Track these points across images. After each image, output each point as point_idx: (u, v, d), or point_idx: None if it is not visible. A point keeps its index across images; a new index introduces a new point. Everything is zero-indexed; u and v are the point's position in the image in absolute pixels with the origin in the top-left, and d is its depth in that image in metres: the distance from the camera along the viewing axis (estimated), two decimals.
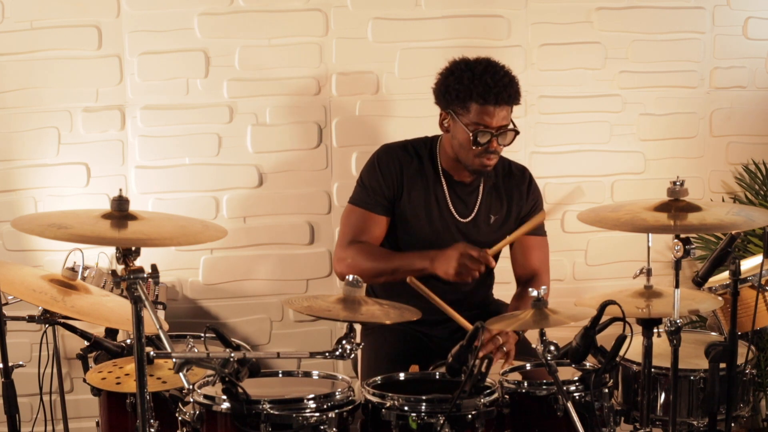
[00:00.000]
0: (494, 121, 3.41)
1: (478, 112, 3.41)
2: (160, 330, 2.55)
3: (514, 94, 3.44)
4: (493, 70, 3.43)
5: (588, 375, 2.98)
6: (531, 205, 3.66)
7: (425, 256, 3.43)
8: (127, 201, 2.65)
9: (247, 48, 4.13)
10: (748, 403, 3.45)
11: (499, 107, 3.41)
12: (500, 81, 3.40)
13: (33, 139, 4.05)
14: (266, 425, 2.74)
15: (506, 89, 3.40)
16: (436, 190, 3.60)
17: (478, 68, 3.44)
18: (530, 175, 3.71)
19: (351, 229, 3.58)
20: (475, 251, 3.34)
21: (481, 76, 3.40)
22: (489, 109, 3.40)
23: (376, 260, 3.49)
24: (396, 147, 3.64)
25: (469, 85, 3.41)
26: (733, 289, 3.08)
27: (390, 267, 3.47)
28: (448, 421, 2.76)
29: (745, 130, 4.54)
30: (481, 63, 3.47)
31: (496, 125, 3.42)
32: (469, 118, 3.43)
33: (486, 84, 3.39)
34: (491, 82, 3.39)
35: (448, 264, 3.36)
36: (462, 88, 3.43)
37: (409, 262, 3.46)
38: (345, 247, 3.55)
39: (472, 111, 3.42)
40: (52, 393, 3.58)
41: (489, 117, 3.41)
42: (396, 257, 3.51)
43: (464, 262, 3.34)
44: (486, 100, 3.40)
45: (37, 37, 3.99)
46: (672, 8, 4.40)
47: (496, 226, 3.63)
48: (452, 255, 3.35)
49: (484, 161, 3.47)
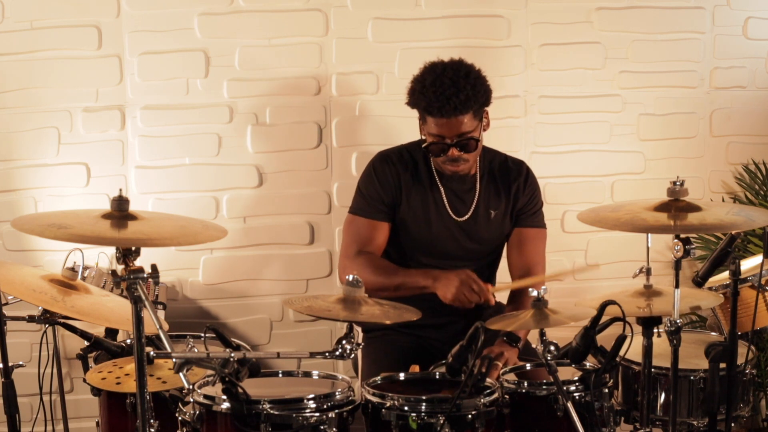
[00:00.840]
0: (448, 131, 3.41)
1: (432, 123, 3.43)
2: (160, 330, 2.55)
3: (461, 103, 3.37)
4: (440, 82, 3.38)
5: (588, 375, 2.98)
6: (528, 197, 3.65)
7: (429, 275, 3.45)
8: (127, 201, 2.65)
9: (247, 48, 4.13)
10: (748, 403, 3.45)
11: (449, 119, 3.39)
12: (443, 93, 3.36)
13: (33, 139, 4.05)
14: (266, 425, 2.74)
15: (449, 101, 3.36)
16: (433, 192, 3.60)
17: (428, 80, 3.41)
18: (528, 168, 3.71)
19: (355, 239, 3.59)
20: (477, 285, 3.36)
21: (427, 89, 3.39)
22: (439, 121, 3.41)
23: (381, 275, 3.50)
24: (391, 154, 3.65)
25: (418, 98, 3.43)
26: (733, 289, 3.07)
27: (394, 283, 3.48)
28: (448, 421, 2.76)
29: (745, 130, 4.54)
30: (433, 73, 3.43)
31: (451, 135, 3.42)
32: (427, 128, 3.46)
33: (428, 98, 3.38)
34: (433, 95, 3.37)
35: (447, 288, 3.37)
36: (414, 101, 3.47)
37: (412, 280, 3.47)
38: (352, 258, 3.55)
39: (428, 122, 3.45)
40: (52, 393, 3.58)
41: (441, 128, 3.41)
42: (400, 273, 3.51)
43: (463, 290, 3.35)
44: (431, 113, 3.41)
45: (37, 37, 3.98)
46: (672, 8, 4.40)
47: (498, 220, 3.63)
48: (454, 281, 3.37)
49: (450, 167, 3.49)
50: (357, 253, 3.55)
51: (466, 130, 3.42)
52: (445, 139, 3.43)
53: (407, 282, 3.47)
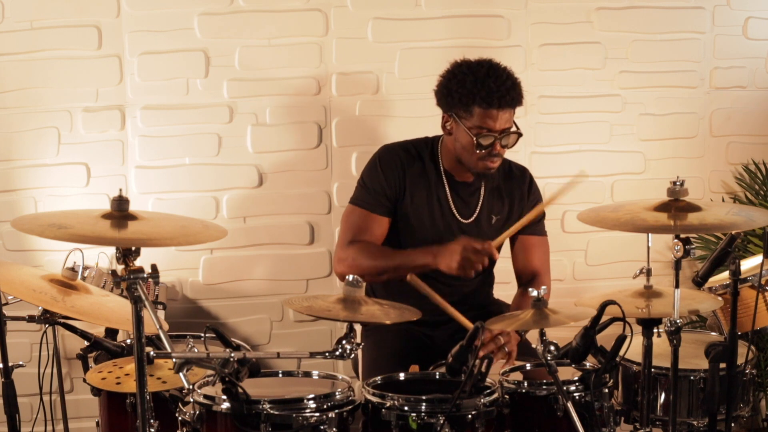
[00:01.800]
0: (497, 125, 3.41)
1: (482, 115, 3.40)
2: (160, 330, 2.55)
3: (517, 96, 3.43)
4: (496, 74, 3.41)
5: (588, 375, 2.98)
6: (532, 204, 3.65)
7: (428, 252, 3.42)
8: (127, 201, 2.64)
9: (247, 48, 4.13)
10: (748, 403, 3.45)
11: (503, 110, 3.40)
12: (503, 84, 3.39)
13: (33, 139, 4.05)
14: (266, 425, 2.74)
15: (509, 92, 3.39)
16: (438, 191, 3.59)
17: (480, 71, 3.42)
18: (530, 176, 3.72)
19: (351, 229, 3.57)
20: (479, 244, 3.33)
21: (484, 79, 3.39)
22: (492, 113, 3.39)
23: (378, 258, 3.48)
24: (397, 147, 3.64)
25: (472, 89, 3.40)
26: (733, 289, 3.07)
27: (392, 264, 3.46)
28: (448, 421, 2.76)
29: (745, 130, 4.54)
30: (483, 66, 3.45)
31: (499, 128, 3.41)
32: (472, 121, 3.42)
33: (489, 88, 3.37)
34: (494, 86, 3.38)
35: (451, 258, 3.34)
36: (465, 92, 3.41)
37: (411, 259, 3.45)
38: (345, 247, 3.54)
39: (475, 114, 3.42)
40: (52, 393, 3.57)
41: (492, 120, 3.40)
42: (398, 254, 3.50)
43: (467, 255, 3.32)
44: (489, 104, 3.38)
45: (37, 37, 3.99)
46: (672, 8, 4.40)
47: (498, 226, 3.62)
48: (455, 249, 3.34)
49: (487, 164, 3.47)
50: (351, 241, 3.53)
51: (510, 125, 3.44)
52: (493, 132, 3.42)
53: (406, 262, 3.44)
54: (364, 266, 3.43)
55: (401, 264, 3.45)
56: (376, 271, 3.47)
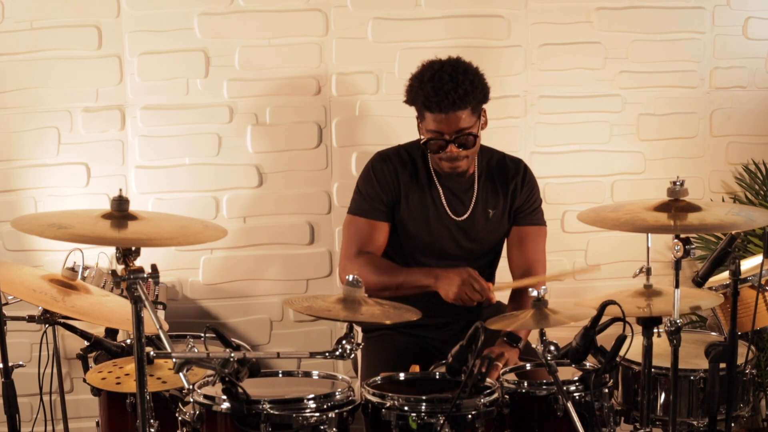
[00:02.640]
0: (446, 128, 3.40)
1: (430, 120, 3.42)
2: (160, 330, 2.55)
3: (460, 98, 3.37)
4: (439, 77, 3.38)
5: (588, 375, 2.98)
6: (526, 195, 3.65)
7: (430, 274, 3.44)
8: (127, 201, 2.65)
9: (247, 48, 4.13)
10: (748, 403, 3.45)
11: (448, 114, 3.38)
12: (442, 88, 3.36)
13: (33, 139, 4.05)
14: (266, 425, 2.74)
15: (448, 95, 3.35)
16: (431, 192, 3.60)
17: (426, 75, 3.41)
18: (525, 167, 3.70)
19: (355, 239, 3.58)
20: (478, 284, 3.35)
21: (425, 84, 3.39)
22: (437, 117, 3.40)
23: (383, 274, 3.50)
24: (390, 154, 3.65)
25: (416, 93, 3.42)
26: (733, 289, 3.07)
27: (395, 282, 3.48)
28: (448, 421, 2.76)
29: (745, 130, 4.54)
30: (431, 69, 3.43)
31: (450, 131, 3.41)
32: (425, 125, 3.45)
33: (427, 93, 3.38)
34: (432, 90, 3.37)
35: (450, 287, 3.36)
36: (412, 97, 3.45)
37: (414, 279, 3.47)
38: (352, 258, 3.55)
39: (426, 119, 3.44)
40: (52, 393, 3.57)
41: (439, 124, 3.40)
42: (402, 273, 3.51)
43: (465, 289, 3.35)
44: (429, 108, 3.39)
45: (37, 37, 3.98)
46: (672, 8, 4.40)
47: (496, 219, 3.63)
48: (455, 280, 3.36)
49: (448, 165, 3.48)
50: (357, 253, 3.55)
51: (464, 126, 3.41)
52: (444, 136, 3.42)
53: (408, 281, 3.47)
54: (370, 281, 3.43)
55: (404, 282, 3.47)
56: (380, 287, 3.47)
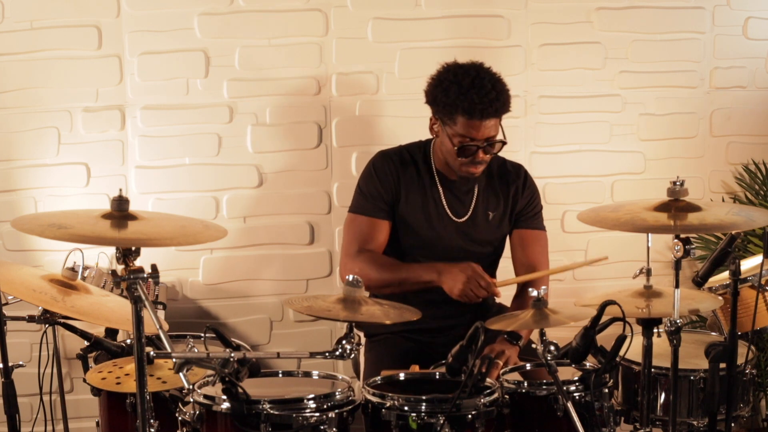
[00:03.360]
0: (480, 134, 3.41)
1: (464, 125, 3.41)
2: (160, 330, 2.55)
3: (501, 106, 3.42)
4: (480, 84, 3.39)
5: (588, 375, 2.98)
6: (527, 200, 3.66)
7: (433, 269, 3.45)
8: (127, 201, 2.64)
9: (247, 48, 4.13)
10: (748, 403, 3.45)
11: (486, 120, 3.40)
12: (486, 96, 3.37)
13: (33, 139, 4.05)
14: (266, 425, 2.74)
15: (492, 104, 3.38)
16: (432, 193, 3.60)
17: (465, 81, 3.40)
18: (526, 172, 3.72)
19: (356, 237, 3.58)
20: (484, 280, 3.36)
21: (467, 91, 3.38)
22: (475, 123, 3.40)
23: (385, 271, 3.50)
24: (391, 153, 3.65)
25: (455, 100, 3.40)
26: (733, 289, 3.07)
27: (398, 278, 3.48)
28: (448, 421, 2.76)
29: (745, 130, 4.54)
30: (469, 74, 3.42)
31: (482, 137, 3.42)
32: (455, 129, 3.44)
33: (471, 100, 3.37)
34: (477, 98, 3.37)
35: (454, 282, 3.37)
36: (448, 102, 3.43)
37: (417, 274, 3.47)
38: (353, 257, 3.55)
39: (458, 123, 3.43)
40: (52, 393, 3.57)
41: (475, 130, 3.41)
42: (403, 268, 3.51)
43: (470, 285, 3.36)
44: (471, 115, 3.39)
45: (37, 37, 3.98)
46: (672, 8, 4.40)
47: (495, 222, 3.63)
48: (460, 277, 3.37)
49: (470, 169, 3.49)
50: (358, 251, 3.55)
51: (494, 134, 3.44)
52: (475, 142, 3.43)
53: (411, 277, 3.47)
54: (372, 278, 3.44)
55: (407, 278, 3.47)
56: (382, 284, 3.49)
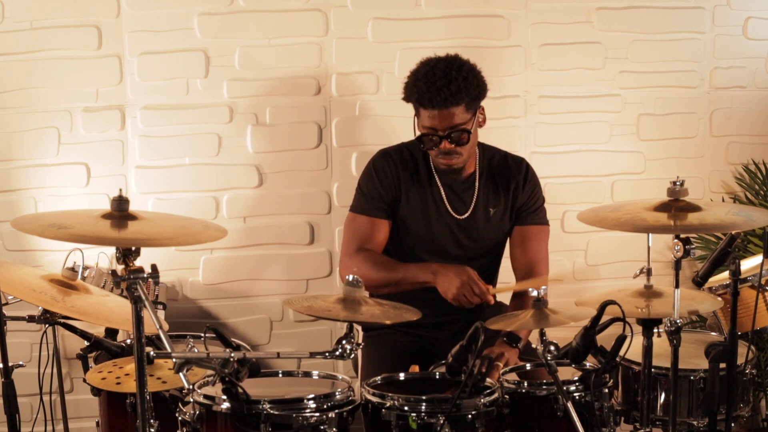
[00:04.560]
0: (439, 124, 3.42)
1: (425, 116, 3.44)
2: (160, 330, 2.55)
3: (452, 95, 3.38)
4: (432, 73, 3.41)
5: (588, 375, 2.98)
6: (528, 194, 3.65)
7: (428, 270, 3.45)
8: (127, 201, 2.64)
9: (247, 48, 4.13)
10: (748, 403, 3.45)
11: (441, 110, 3.40)
12: (434, 84, 3.38)
13: (33, 139, 4.05)
14: (266, 425, 2.74)
15: (440, 92, 3.37)
16: (432, 191, 3.60)
17: (421, 72, 3.44)
18: (527, 166, 3.71)
19: (355, 237, 3.59)
20: (478, 287, 3.36)
21: (419, 80, 3.42)
22: (431, 113, 3.42)
23: (382, 270, 3.51)
24: (391, 152, 3.66)
25: (411, 90, 3.45)
26: (733, 289, 3.07)
27: (395, 278, 3.49)
28: (448, 421, 2.76)
29: (745, 130, 4.54)
30: (427, 65, 3.45)
31: (442, 127, 3.42)
32: (421, 121, 3.47)
33: (420, 89, 3.40)
34: (425, 86, 3.39)
35: (449, 286, 3.38)
36: (407, 93, 3.48)
37: (414, 275, 3.48)
38: (352, 255, 3.56)
39: (421, 114, 3.46)
40: (52, 393, 3.58)
41: (432, 120, 3.42)
42: (401, 268, 3.52)
43: (464, 290, 3.36)
44: (423, 104, 3.42)
45: (37, 37, 3.98)
46: (672, 8, 4.40)
47: (497, 218, 3.63)
48: (455, 281, 3.37)
49: (443, 161, 3.50)
50: (357, 250, 3.56)
51: (457, 123, 3.42)
52: (437, 132, 3.43)
53: (407, 277, 3.48)
54: (370, 277, 3.44)
55: (404, 278, 3.48)
56: (379, 283, 3.49)
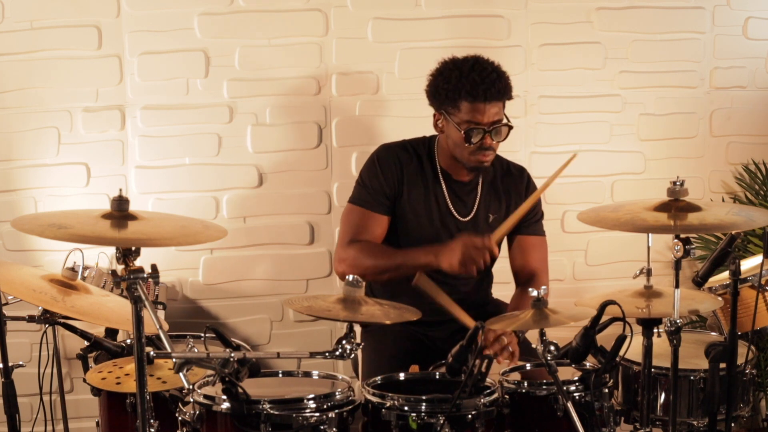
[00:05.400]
0: (485, 118, 3.42)
1: (469, 109, 3.42)
2: (160, 330, 2.55)
3: (504, 89, 3.43)
4: (481, 67, 3.43)
5: (588, 375, 2.98)
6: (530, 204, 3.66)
7: (429, 251, 3.42)
8: (127, 201, 2.65)
9: (247, 48, 4.13)
10: (748, 403, 3.45)
11: (490, 103, 3.41)
12: (488, 77, 3.40)
13: (33, 139, 4.05)
14: (266, 425, 2.74)
15: (494, 85, 3.40)
16: (435, 190, 3.60)
17: (465, 66, 3.44)
18: (528, 175, 3.72)
19: (351, 228, 3.57)
20: (479, 240, 3.34)
21: (468, 73, 3.41)
22: (479, 106, 3.41)
23: (379, 258, 3.48)
24: (395, 146, 3.65)
25: (457, 84, 3.42)
26: (733, 289, 3.07)
27: (393, 263, 3.46)
28: (448, 421, 2.76)
29: (745, 130, 4.54)
30: (468, 61, 3.47)
31: (487, 121, 3.42)
32: (460, 116, 3.44)
33: (474, 81, 3.39)
34: (479, 78, 3.39)
35: (452, 256, 3.34)
36: (451, 87, 3.44)
37: (413, 258, 3.44)
38: (346, 246, 3.53)
39: (462, 109, 3.43)
40: (52, 393, 3.57)
41: (480, 114, 3.42)
42: (399, 254, 3.49)
43: (468, 252, 3.33)
44: (475, 97, 3.40)
45: (37, 37, 3.99)
46: (672, 8, 4.40)
47: (496, 225, 3.62)
48: (456, 247, 3.35)
49: (479, 158, 3.48)
50: (351, 241, 3.53)
51: (500, 118, 3.45)
52: (482, 125, 3.43)
53: (408, 261, 3.44)
54: (366, 265, 3.43)
55: (403, 263, 3.45)
56: (377, 271, 3.47)
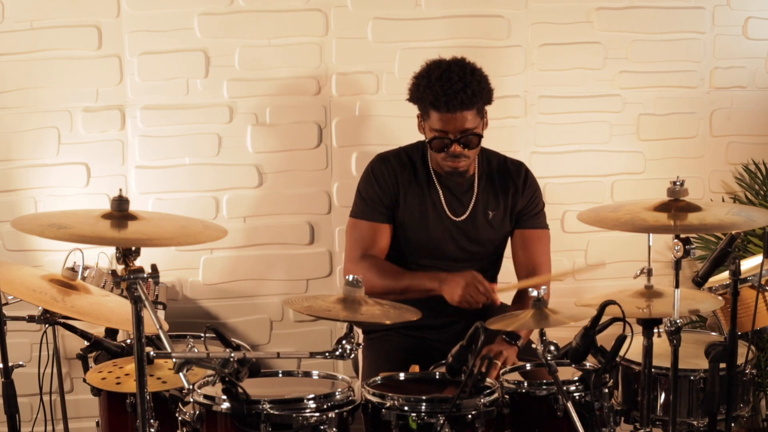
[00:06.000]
0: (452, 127, 3.42)
1: (436, 119, 3.44)
2: (160, 330, 2.55)
3: (468, 99, 3.40)
4: (447, 77, 3.41)
5: (588, 375, 2.98)
6: (527, 199, 3.66)
7: (435, 278, 3.45)
8: (127, 201, 2.65)
9: (247, 48, 4.13)
10: (748, 403, 3.45)
11: (455, 114, 3.40)
12: (451, 88, 3.38)
13: (33, 139, 4.05)
14: (266, 425, 2.74)
15: (457, 96, 3.38)
16: (431, 194, 3.61)
17: (434, 75, 3.43)
18: (527, 170, 3.71)
19: (358, 242, 3.59)
20: (483, 285, 3.37)
21: (434, 83, 3.41)
22: (445, 116, 3.42)
23: (387, 278, 3.51)
24: (389, 156, 3.66)
25: (423, 93, 3.44)
26: (733, 289, 3.07)
27: (400, 286, 3.49)
28: (448, 421, 2.76)
29: (745, 130, 4.54)
30: (439, 68, 3.45)
31: (454, 130, 3.43)
32: (430, 123, 3.47)
33: (436, 92, 3.39)
34: (441, 90, 3.39)
35: (455, 289, 3.38)
36: (419, 95, 3.47)
37: (419, 283, 3.48)
38: (356, 262, 3.56)
39: (431, 118, 3.46)
40: (52, 393, 3.58)
41: (445, 123, 3.42)
42: (406, 276, 3.52)
43: (470, 290, 3.36)
44: (438, 107, 3.41)
45: (37, 37, 3.98)
46: (672, 8, 4.40)
47: (496, 222, 3.63)
48: (460, 283, 3.38)
49: (451, 164, 3.50)
50: (361, 257, 3.56)
51: (469, 127, 3.43)
52: (449, 135, 3.44)
53: (413, 285, 3.48)
54: (375, 284, 3.43)
55: (409, 287, 3.48)
56: (384, 291, 3.46)
